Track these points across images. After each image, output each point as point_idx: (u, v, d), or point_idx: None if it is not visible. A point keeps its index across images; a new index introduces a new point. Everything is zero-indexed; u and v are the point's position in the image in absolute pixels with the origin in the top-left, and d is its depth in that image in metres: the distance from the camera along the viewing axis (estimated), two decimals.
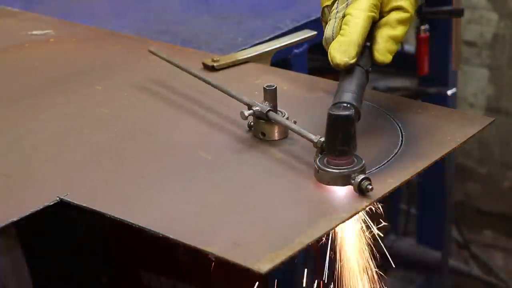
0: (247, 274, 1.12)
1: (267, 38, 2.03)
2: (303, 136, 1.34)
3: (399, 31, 1.37)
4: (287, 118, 1.42)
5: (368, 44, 1.37)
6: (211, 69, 1.75)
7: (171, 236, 1.19)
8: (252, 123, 1.46)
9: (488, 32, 3.79)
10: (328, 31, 1.37)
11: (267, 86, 1.42)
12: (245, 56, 1.80)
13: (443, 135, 1.43)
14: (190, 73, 1.64)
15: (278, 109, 1.44)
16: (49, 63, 1.87)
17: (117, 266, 2.03)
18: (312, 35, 1.86)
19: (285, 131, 1.44)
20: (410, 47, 2.99)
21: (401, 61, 2.94)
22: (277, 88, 1.43)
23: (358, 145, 1.25)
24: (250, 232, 1.19)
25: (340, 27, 1.35)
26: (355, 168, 1.25)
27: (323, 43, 1.38)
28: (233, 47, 1.97)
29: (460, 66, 2.96)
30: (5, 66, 1.88)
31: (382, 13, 1.38)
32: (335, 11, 1.37)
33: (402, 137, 1.43)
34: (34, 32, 2.05)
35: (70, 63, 1.87)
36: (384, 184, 1.28)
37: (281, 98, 1.44)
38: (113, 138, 1.50)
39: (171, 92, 1.68)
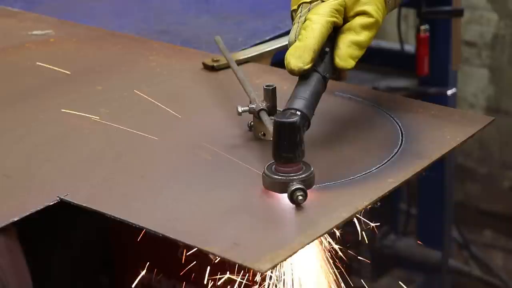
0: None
1: (267, 38, 2.03)
2: None
3: (362, 36, 1.34)
4: None
5: (327, 49, 1.34)
6: (211, 69, 1.75)
7: (171, 236, 1.19)
8: (252, 123, 1.46)
9: (488, 32, 3.79)
10: (291, 35, 1.35)
11: (266, 86, 1.43)
12: (245, 56, 1.80)
13: (443, 134, 1.44)
14: (234, 70, 1.63)
15: (278, 108, 1.44)
16: (49, 63, 1.87)
17: (117, 266, 2.02)
18: None
19: None
20: (410, 47, 2.99)
21: (401, 61, 2.95)
22: (277, 88, 1.43)
23: (358, 144, 1.25)
24: (250, 232, 1.19)
25: None
26: (294, 177, 1.23)
27: (288, 47, 1.36)
28: (233, 47, 1.97)
29: (460, 66, 2.96)
30: (5, 66, 1.88)
31: (347, 18, 1.36)
32: (299, 15, 1.36)
33: (402, 136, 1.43)
34: (34, 32, 2.05)
35: (70, 63, 1.87)
36: (384, 184, 1.28)
37: (281, 98, 1.44)
38: (113, 138, 1.50)
39: (171, 92, 1.68)
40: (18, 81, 1.77)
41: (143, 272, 1.99)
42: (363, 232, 1.35)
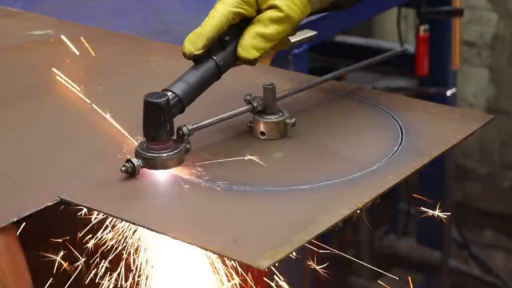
0: None
1: None
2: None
3: (270, 29, 1.36)
4: (287, 118, 1.43)
5: (227, 38, 1.37)
6: None
7: (171, 235, 1.19)
8: (251, 123, 1.46)
9: (488, 32, 3.80)
10: None
11: (266, 85, 1.43)
12: None
13: (443, 132, 1.44)
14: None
15: (278, 108, 1.44)
16: (49, 63, 1.87)
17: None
18: (312, 35, 1.86)
19: (284, 131, 1.44)
20: (410, 47, 2.99)
21: (401, 61, 2.96)
22: (277, 87, 1.43)
23: (358, 142, 1.25)
24: (250, 230, 1.20)
25: None
26: (142, 153, 1.31)
27: None
28: None
29: (460, 66, 2.96)
30: (5, 66, 1.88)
31: (261, 10, 1.37)
32: (215, 3, 1.39)
33: (402, 134, 1.43)
34: (34, 32, 2.05)
35: (70, 63, 1.87)
36: (385, 181, 1.28)
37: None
38: (113, 138, 1.50)
39: None
40: (18, 81, 1.78)
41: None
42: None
